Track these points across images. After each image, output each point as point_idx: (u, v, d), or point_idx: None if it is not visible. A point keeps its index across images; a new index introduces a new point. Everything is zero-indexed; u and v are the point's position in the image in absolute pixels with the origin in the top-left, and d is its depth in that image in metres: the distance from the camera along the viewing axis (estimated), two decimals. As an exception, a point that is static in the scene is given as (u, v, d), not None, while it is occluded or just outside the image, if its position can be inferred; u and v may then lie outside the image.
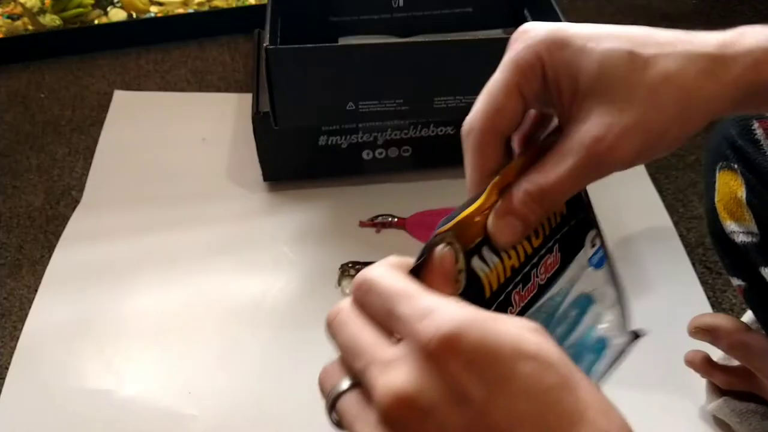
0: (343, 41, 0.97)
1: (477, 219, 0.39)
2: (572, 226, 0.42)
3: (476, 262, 0.37)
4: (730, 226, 0.51)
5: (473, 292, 0.36)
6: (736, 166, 0.50)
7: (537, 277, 0.40)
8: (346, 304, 0.31)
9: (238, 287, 0.85)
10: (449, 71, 0.80)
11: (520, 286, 0.40)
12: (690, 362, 0.66)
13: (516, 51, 0.36)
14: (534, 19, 0.89)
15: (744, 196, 0.49)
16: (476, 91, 0.84)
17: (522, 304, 0.40)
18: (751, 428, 0.63)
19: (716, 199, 0.52)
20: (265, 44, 0.77)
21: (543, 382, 0.25)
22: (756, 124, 0.48)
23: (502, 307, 0.38)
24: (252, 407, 0.73)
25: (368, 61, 0.79)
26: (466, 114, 0.81)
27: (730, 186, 0.51)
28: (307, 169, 0.97)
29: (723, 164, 0.51)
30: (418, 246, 0.37)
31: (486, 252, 0.38)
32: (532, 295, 0.40)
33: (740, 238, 0.51)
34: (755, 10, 1.26)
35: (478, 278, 0.36)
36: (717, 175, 0.52)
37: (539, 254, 0.40)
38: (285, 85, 0.80)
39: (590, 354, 0.44)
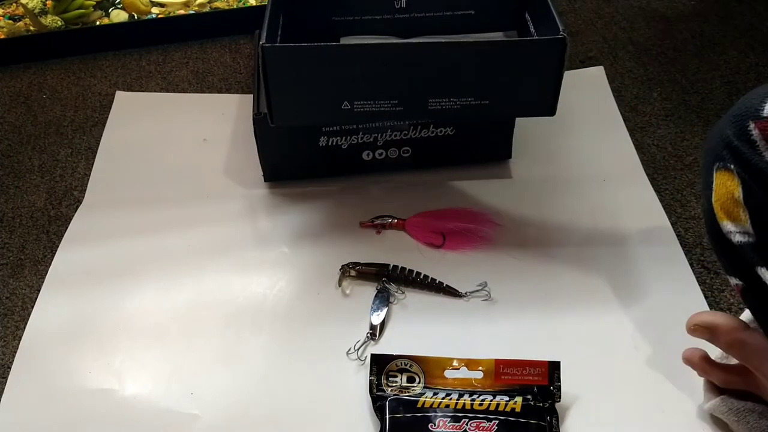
0: (344, 41, 0.98)
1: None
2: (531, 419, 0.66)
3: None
4: (727, 226, 0.51)
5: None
6: (732, 166, 0.50)
7: (467, 424, 0.65)
8: None
9: (239, 287, 0.85)
10: (444, 73, 0.80)
11: (449, 419, 0.65)
12: (688, 360, 0.67)
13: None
14: (534, 24, 0.90)
15: (740, 196, 0.49)
16: (471, 93, 0.86)
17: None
18: (748, 427, 0.63)
19: (713, 199, 0.53)
20: (261, 42, 0.78)
21: None
22: (752, 125, 0.48)
23: (425, 420, 0.62)
24: (254, 407, 0.74)
25: (363, 61, 0.80)
26: (461, 115, 0.84)
27: (726, 186, 0.51)
28: (307, 170, 0.97)
29: (720, 164, 0.51)
30: (418, 247, 0.38)
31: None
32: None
33: (737, 238, 0.51)
34: (754, 11, 1.26)
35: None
36: (714, 175, 0.53)
37: (475, 414, 0.66)
38: (280, 83, 0.80)
39: None
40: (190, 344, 0.80)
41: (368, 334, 0.78)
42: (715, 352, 0.67)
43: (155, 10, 1.29)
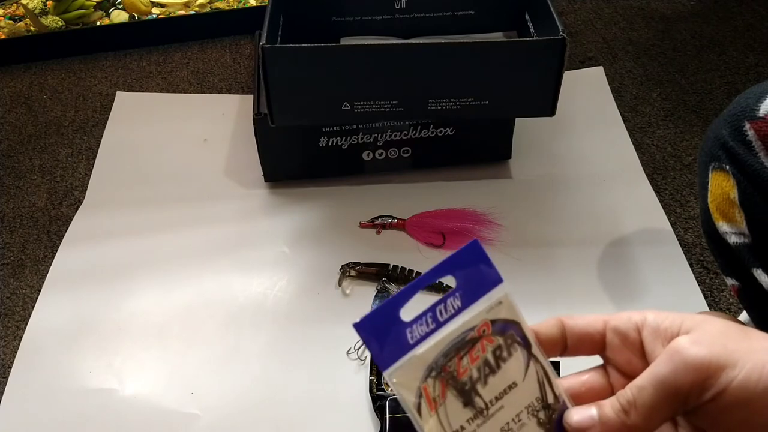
0: (345, 41, 0.98)
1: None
2: None
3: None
4: (723, 226, 0.51)
5: None
6: (727, 167, 0.49)
7: None
8: None
9: (240, 287, 0.85)
10: (443, 73, 0.80)
11: None
12: None
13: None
14: (534, 24, 0.90)
15: (736, 197, 0.49)
16: (471, 93, 0.85)
17: None
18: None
19: (709, 200, 0.52)
20: (261, 42, 0.78)
21: None
22: (747, 125, 0.48)
23: None
24: (253, 406, 0.74)
25: (363, 62, 0.80)
26: (461, 115, 0.83)
27: (722, 187, 0.50)
28: (307, 170, 0.97)
29: (715, 165, 0.51)
30: (418, 247, 0.38)
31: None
32: None
33: (732, 239, 0.51)
34: (753, 12, 1.26)
35: None
36: (710, 175, 0.52)
37: None
38: (281, 84, 0.81)
39: None
40: (190, 344, 0.80)
41: (368, 334, 0.78)
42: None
43: (156, 10, 1.29)
